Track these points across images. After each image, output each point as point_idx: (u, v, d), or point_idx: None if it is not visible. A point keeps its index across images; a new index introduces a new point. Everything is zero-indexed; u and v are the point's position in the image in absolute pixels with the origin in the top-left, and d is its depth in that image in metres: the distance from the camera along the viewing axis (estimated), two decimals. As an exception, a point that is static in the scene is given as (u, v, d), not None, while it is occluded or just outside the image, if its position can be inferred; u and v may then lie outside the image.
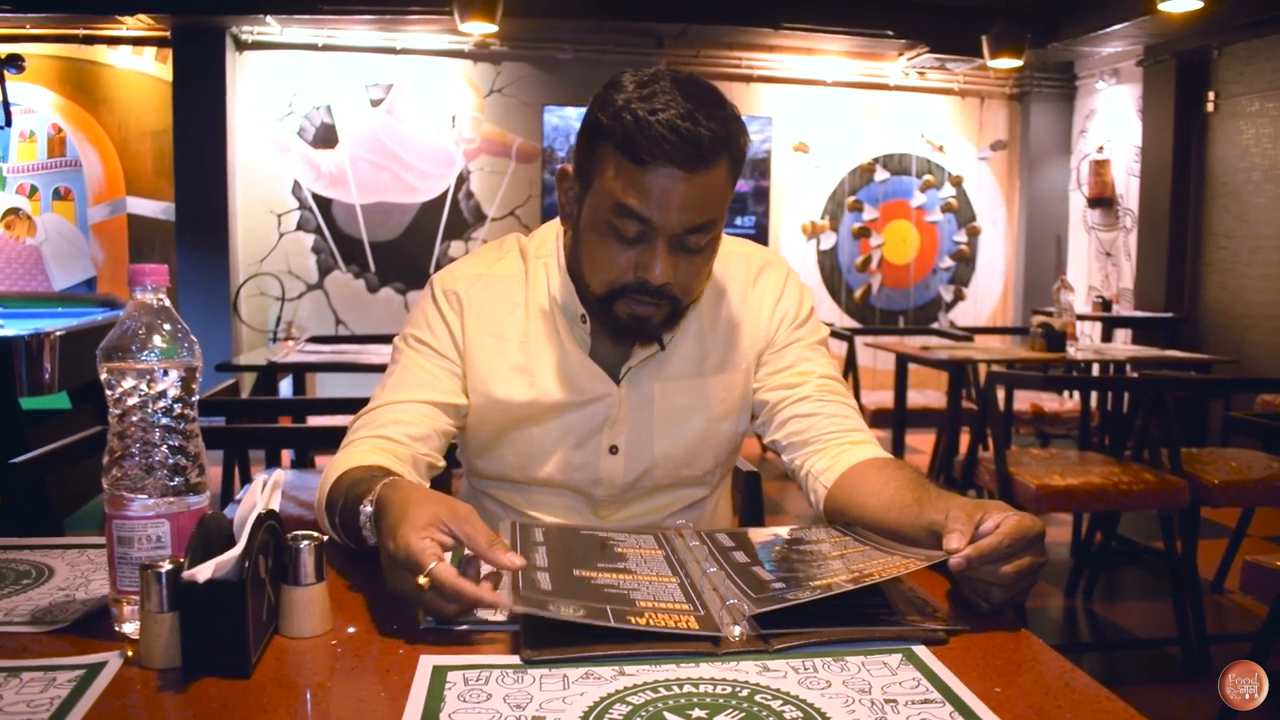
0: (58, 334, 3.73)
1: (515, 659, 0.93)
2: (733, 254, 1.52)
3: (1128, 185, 6.88)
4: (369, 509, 1.12)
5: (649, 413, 1.46)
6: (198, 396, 1.01)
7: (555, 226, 1.51)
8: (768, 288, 1.51)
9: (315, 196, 6.52)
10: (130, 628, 0.97)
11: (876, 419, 4.67)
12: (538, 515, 1.48)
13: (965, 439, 4.10)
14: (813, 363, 1.50)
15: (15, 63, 4.38)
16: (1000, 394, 3.54)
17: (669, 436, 1.47)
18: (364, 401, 1.46)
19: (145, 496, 0.97)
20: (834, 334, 4.51)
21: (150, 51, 6.36)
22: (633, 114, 1.24)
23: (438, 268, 6.57)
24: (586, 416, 1.45)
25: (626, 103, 1.25)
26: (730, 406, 1.50)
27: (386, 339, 4.65)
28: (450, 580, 0.98)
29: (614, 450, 1.46)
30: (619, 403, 1.45)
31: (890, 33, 6.33)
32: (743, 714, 0.82)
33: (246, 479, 3.08)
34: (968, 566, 1.02)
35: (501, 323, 1.46)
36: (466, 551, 1.05)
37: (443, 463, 1.45)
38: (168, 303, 1.00)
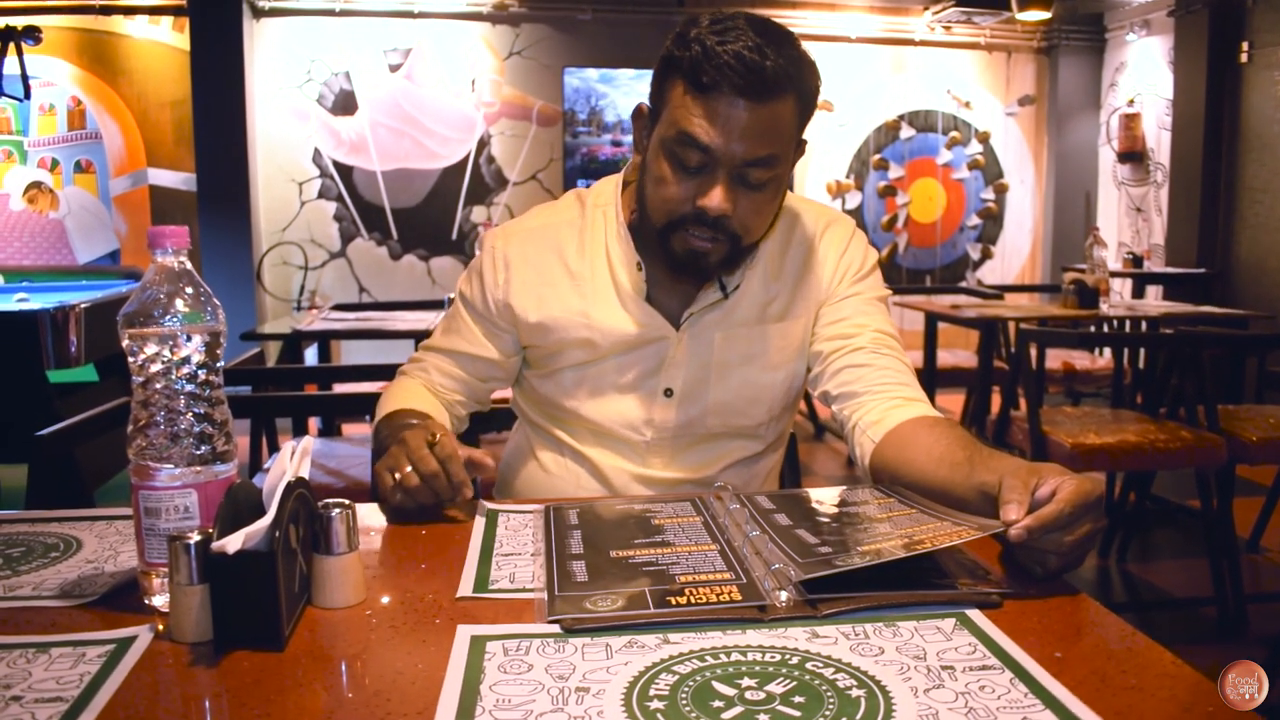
0: (82, 307, 3.73)
1: (555, 628, 0.90)
2: (801, 210, 1.54)
3: (1159, 139, 6.75)
4: None
5: (707, 358, 1.48)
6: (223, 363, 0.98)
7: (615, 179, 1.54)
8: (833, 242, 1.52)
9: (336, 164, 6.49)
10: (160, 600, 0.95)
11: (906, 379, 4.60)
12: (589, 455, 1.52)
13: (996, 398, 4.05)
14: (870, 317, 1.49)
15: (31, 34, 4.35)
16: (1033, 352, 3.48)
17: (725, 383, 1.48)
18: (390, 368, 1.67)
19: (171, 466, 0.94)
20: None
21: (167, 21, 6.32)
22: (701, 43, 1.26)
23: (460, 233, 6.63)
24: (641, 358, 1.48)
25: (698, 35, 1.27)
26: (787, 356, 1.50)
27: (410, 306, 4.64)
28: (453, 443, 1.23)
29: (669, 393, 1.48)
30: (677, 346, 1.47)
31: (915, -14, 6.22)
32: (794, 683, 0.79)
33: (274, 448, 3.07)
34: (1028, 538, 0.98)
35: (554, 269, 1.49)
36: None
37: (480, 406, 1.62)
38: (189, 266, 0.97)
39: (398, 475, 1.22)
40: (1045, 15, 6.01)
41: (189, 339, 0.94)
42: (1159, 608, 3.40)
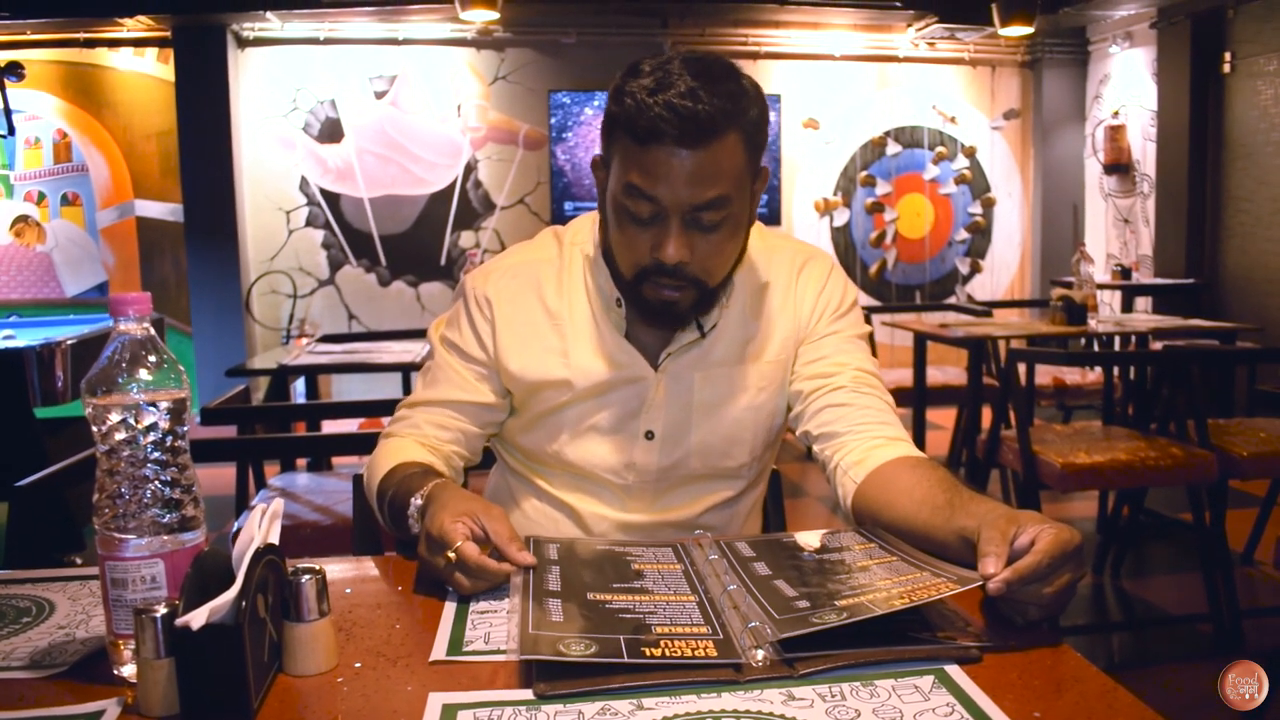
0: (69, 342, 3.72)
1: (528, 694, 0.89)
2: (778, 248, 1.52)
3: (1144, 150, 6.77)
4: (419, 502, 1.24)
5: (687, 400, 1.46)
6: (188, 427, 0.97)
7: (591, 217, 1.52)
8: (810, 280, 1.51)
9: (323, 192, 6.49)
10: (129, 670, 0.93)
11: (896, 397, 4.52)
12: (569, 502, 1.50)
13: (987, 415, 4.04)
14: (850, 355, 1.48)
15: (15, 70, 4.35)
16: (1021, 370, 3.48)
17: (706, 424, 1.47)
18: (378, 404, 1.67)
19: (138, 537, 0.93)
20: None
21: (152, 52, 6.33)
22: (634, 97, 1.25)
23: (449, 259, 6.62)
24: (622, 399, 1.46)
25: (631, 89, 1.26)
26: (768, 395, 1.49)
27: (400, 335, 4.63)
28: (474, 556, 1.12)
29: (650, 436, 1.46)
30: (656, 388, 1.45)
31: (898, 3, 6.24)
32: (768, 751, 0.78)
33: (261, 483, 3.05)
34: (1007, 591, 0.97)
35: (534, 307, 1.48)
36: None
37: (473, 458, 1.54)
38: (153, 332, 0.96)
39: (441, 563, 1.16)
40: (1028, 30, 6.04)
41: (153, 406, 0.93)
42: (1154, 625, 3.39)
